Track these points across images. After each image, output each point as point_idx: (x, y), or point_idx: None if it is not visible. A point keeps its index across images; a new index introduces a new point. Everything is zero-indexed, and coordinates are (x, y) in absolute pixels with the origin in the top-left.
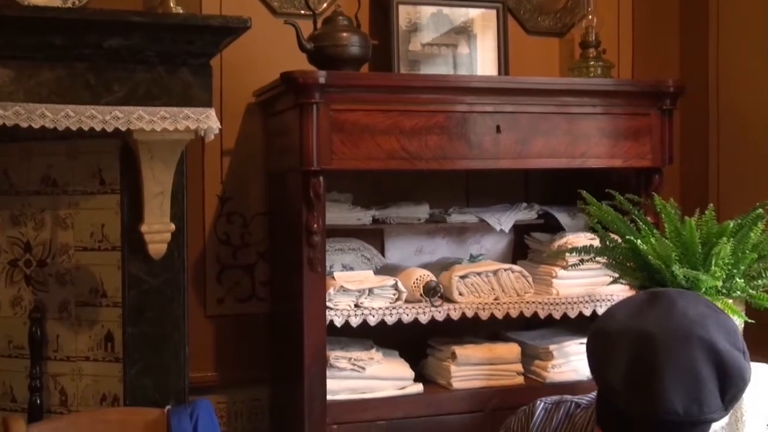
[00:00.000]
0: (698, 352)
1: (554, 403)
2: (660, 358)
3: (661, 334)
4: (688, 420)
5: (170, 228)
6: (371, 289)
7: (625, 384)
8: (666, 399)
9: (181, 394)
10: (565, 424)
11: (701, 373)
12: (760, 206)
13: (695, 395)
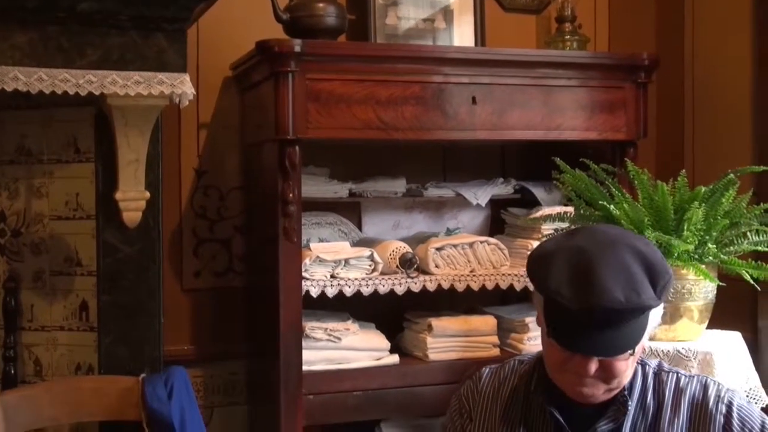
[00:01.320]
0: (626, 254)
1: (499, 365)
2: (595, 262)
3: (592, 246)
4: (630, 306)
5: (145, 196)
6: (347, 259)
7: (569, 287)
8: (608, 291)
9: (156, 364)
10: (510, 378)
11: (632, 269)
12: (732, 172)
13: (632, 286)
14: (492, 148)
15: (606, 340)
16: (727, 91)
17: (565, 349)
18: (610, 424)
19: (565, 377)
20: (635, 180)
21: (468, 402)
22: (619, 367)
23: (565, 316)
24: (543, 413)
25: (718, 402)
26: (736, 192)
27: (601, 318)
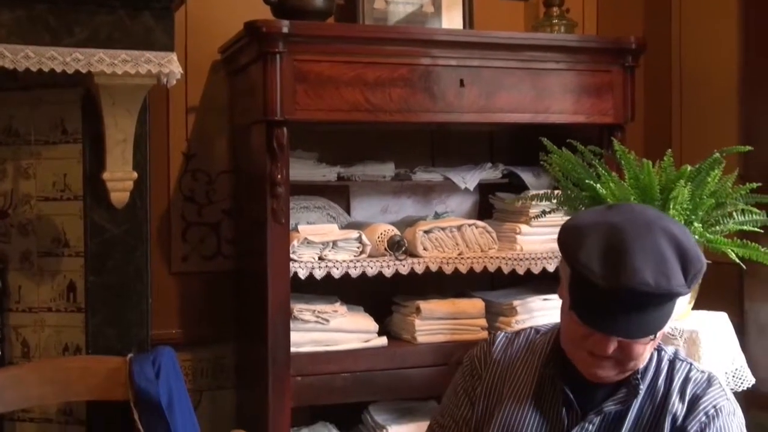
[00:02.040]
0: (661, 238)
1: (515, 332)
2: (629, 242)
3: (627, 225)
4: (659, 291)
5: (132, 176)
6: (335, 241)
7: (599, 263)
8: (638, 272)
9: (143, 344)
10: (524, 347)
11: (665, 254)
12: (718, 152)
13: (663, 270)
14: (480, 134)
15: (629, 322)
16: (714, 75)
17: (586, 325)
18: (618, 406)
19: (581, 354)
20: (622, 159)
21: (480, 363)
22: (638, 350)
23: (590, 293)
24: (553, 387)
25: (711, 404)
26: (721, 172)
27: (627, 299)
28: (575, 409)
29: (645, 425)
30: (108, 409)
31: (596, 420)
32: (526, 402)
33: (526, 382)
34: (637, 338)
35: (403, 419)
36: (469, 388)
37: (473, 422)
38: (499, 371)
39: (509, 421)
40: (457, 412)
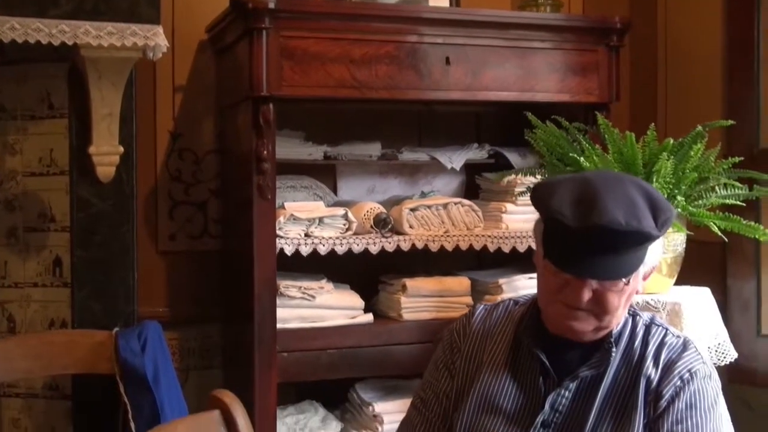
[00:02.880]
0: (630, 187)
1: (494, 304)
2: (599, 190)
3: (598, 178)
4: (629, 230)
5: (119, 150)
6: (321, 218)
7: (571, 207)
8: (609, 212)
9: (130, 319)
10: (503, 317)
11: (636, 200)
12: (701, 126)
13: (633, 213)
14: (467, 115)
15: (602, 264)
16: (699, 55)
17: (559, 269)
18: (592, 370)
19: (556, 309)
20: (605, 134)
21: (459, 337)
22: (612, 301)
23: (563, 237)
24: (530, 355)
25: (685, 368)
26: (704, 146)
27: (599, 240)
28: (551, 376)
29: (620, 389)
30: (94, 384)
31: (572, 386)
32: (504, 371)
33: (503, 350)
34: (610, 280)
35: (389, 396)
36: (449, 362)
37: (453, 394)
38: (478, 342)
39: (487, 390)
40: (438, 386)
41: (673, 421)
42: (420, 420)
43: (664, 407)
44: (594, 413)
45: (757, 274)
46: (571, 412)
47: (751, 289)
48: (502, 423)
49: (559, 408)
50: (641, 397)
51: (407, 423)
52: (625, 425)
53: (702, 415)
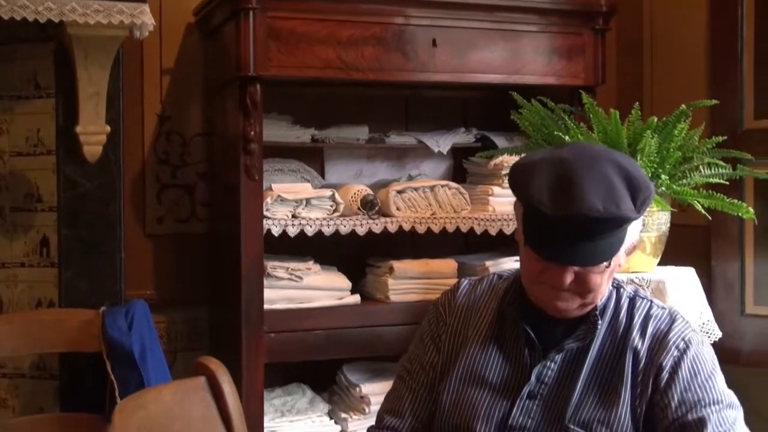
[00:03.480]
0: (608, 167)
1: (478, 278)
2: (577, 172)
3: (575, 158)
4: (608, 215)
5: (105, 130)
6: (308, 199)
7: (549, 194)
8: (587, 199)
9: (117, 298)
10: (487, 291)
11: (613, 181)
12: (684, 106)
13: (611, 197)
14: (454, 100)
15: (582, 250)
16: (685, 38)
17: (541, 258)
18: (578, 342)
19: (540, 289)
20: (590, 113)
21: (444, 310)
22: (595, 280)
23: (543, 224)
24: (515, 328)
25: (679, 337)
26: (688, 126)
27: (578, 226)
28: (537, 348)
29: (607, 361)
30: (80, 363)
31: (558, 358)
32: (489, 343)
33: (488, 323)
34: (591, 266)
35: (375, 378)
36: (434, 335)
37: (439, 366)
38: (463, 315)
39: (473, 363)
40: (424, 358)
41: (682, 390)
42: (406, 390)
43: (667, 379)
44: (580, 384)
45: (741, 256)
46: (557, 384)
47: (735, 270)
48: (488, 394)
49: (545, 380)
50: (628, 369)
51: (393, 393)
52: (611, 396)
53: (707, 378)
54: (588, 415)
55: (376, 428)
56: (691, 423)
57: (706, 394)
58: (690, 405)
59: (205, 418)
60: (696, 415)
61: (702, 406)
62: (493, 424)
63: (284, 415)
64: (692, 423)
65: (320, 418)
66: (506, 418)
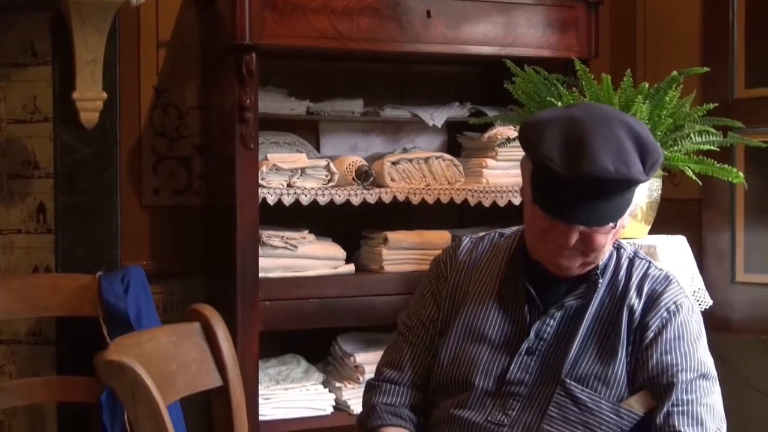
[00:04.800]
0: (619, 129)
1: (480, 236)
2: (588, 133)
3: (587, 118)
4: (618, 177)
5: (102, 96)
6: (303, 169)
7: (560, 153)
8: (598, 160)
9: (113, 264)
10: (488, 249)
11: (624, 143)
12: (676, 72)
13: (622, 158)
14: (448, 75)
15: (590, 209)
16: (678, 11)
17: (548, 216)
18: (578, 300)
19: (544, 247)
20: (582, 79)
21: (445, 267)
22: (599, 240)
23: (552, 182)
24: (516, 286)
25: (671, 301)
26: (680, 94)
27: (587, 186)
28: (537, 305)
29: (605, 319)
30: (77, 328)
31: (557, 315)
32: (490, 300)
33: (489, 281)
34: (598, 226)
35: (370, 348)
36: (435, 291)
37: (439, 323)
38: (464, 272)
39: (473, 319)
40: (424, 314)
41: (662, 352)
42: (406, 345)
43: (651, 338)
44: (578, 341)
45: (732, 225)
46: (556, 340)
47: (725, 240)
48: (487, 350)
49: (543, 336)
50: (624, 326)
51: (393, 347)
52: (608, 353)
53: (689, 345)
54: (585, 370)
55: (375, 380)
56: (664, 385)
57: (684, 361)
58: (666, 367)
59: (200, 361)
60: (670, 379)
61: (677, 371)
62: (492, 379)
63: (279, 383)
64: (665, 385)
65: (315, 387)
66: (504, 373)
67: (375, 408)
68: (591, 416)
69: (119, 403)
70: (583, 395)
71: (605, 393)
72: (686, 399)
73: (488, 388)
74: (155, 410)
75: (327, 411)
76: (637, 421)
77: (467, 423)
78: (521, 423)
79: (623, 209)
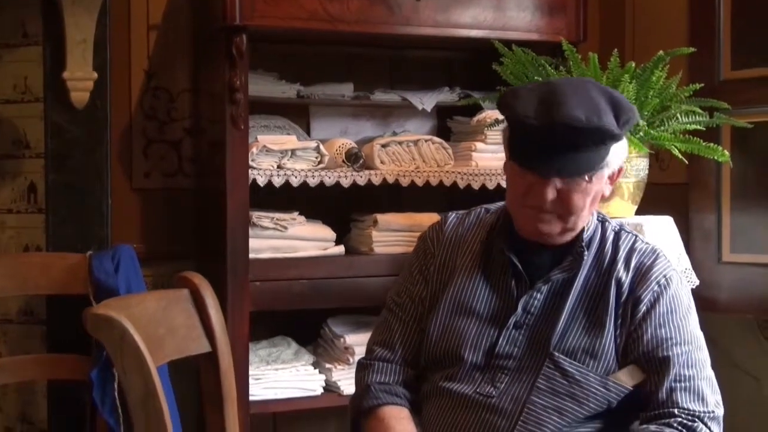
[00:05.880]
0: (593, 90)
1: (466, 212)
2: (563, 90)
3: (563, 82)
4: (590, 126)
5: (93, 76)
6: (294, 150)
7: (534, 109)
8: (571, 110)
9: (103, 244)
10: (475, 224)
11: (597, 100)
12: (662, 52)
13: (594, 111)
14: (438, 60)
15: (563, 160)
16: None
17: (523, 169)
18: (564, 274)
19: (524, 213)
20: (570, 59)
21: (432, 243)
22: (576, 201)
23: (526, 136)
24: (502, 259)
25: (661, 274)
26: (666, 74)
27: (560, 136)
28: (524, 279)
29: (592, 292)
30: (67, 308)
31: (544, 288)
32: (477, 274)
33: (476, 255)
34: (571, 177)
35: (359, 330)
36: (423, 267)
37: (428, 299)
38: (451, 247)
39: (460, 293)
40: (413, 290)
41: (656, 326)
42: (396, 322)
43: (644, 312)
44: (565, 314)
45: (718, 207)
46: (543, 314)
47: (712, 221)
48: (475, 324)
49: (531, 309)
50: (612, 299)
51: (383, 325)
52: (596, 326)
53: (682, 318)
54: (573, 343)
55: (366, 360)
56: (660, 359)
57: (679, 334)
58: (661, 341)
59: (188, 327)
60: (666, 352)
61: (673, 344)
62: (481, 352)
63: (269, 364)
64: (661, 359)
65: (305, 368)
66: (493, 347)
67: (369, 387)
68: (579, 389)
69: (109, 381)
70: (572, 368)
71: (593, 366)
72: (687, 374)
73: (477, 362)
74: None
75: (317, 392)
76: (624, 394)
77: (456, 395)
78: (510, 395)
79: (596, 163)
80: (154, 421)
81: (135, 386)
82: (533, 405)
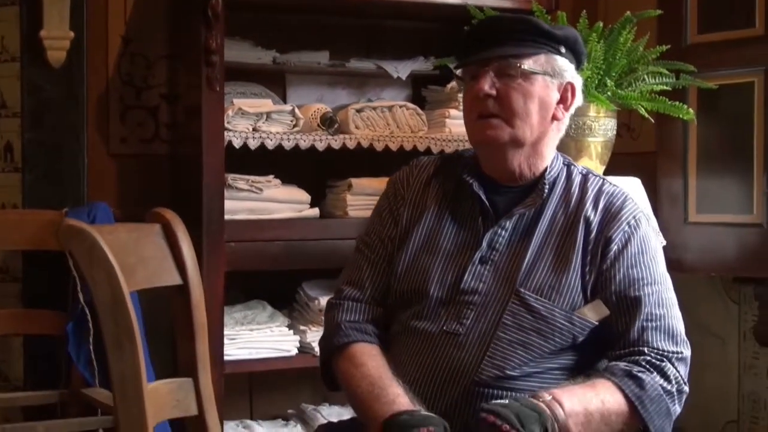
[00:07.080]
0: None
1: (437, 156)
2: None
3: None
4: (515, 16)
5: (69, 35)
6: (269, 113)
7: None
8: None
9: (79, 201)
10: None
11: None
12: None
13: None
14: (415, 30)
15: (494, 51)
16: None
17: (459, 64)
18: (527, 208)
19: (473, 126)
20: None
21: (402, 186)
22: (515, 99)
23: (464, 46)
24: (470, 197)
25: (631, 215)
26: (634, 36)
27: (491, 31)
28: (490, 215)
29: (559, 229)
30: (43, 265)
31: (508, 224)
32: (445, 212)
33: (445, 194)
34: (499, 60)
35: None
36: (393, 209)
37: (397, 239)
38: (420, 189)
39: (428, 232)
40: (383, 231)
41: (628, 266)
42: (365, 262)
43: (615, 252)
44: (531, 251)
45: (684, 171)
46: (509, 250)
47: (678, 185)
48: (441, 261)
49: (495, 246)
50: (581, 237)
51: (353, 265)
52: (562, 263)
53: (651, 259)
54: (539, 280)
55: (335, 299)
56: (632, 298)
57: (649, 273)
58: (633, 281)
59: (160, 259)
60: (637, 292)
61: (644, 284)
62: (446, 288)
63: (244, 325)
64: (633, 298)
65: (279, 329)
66: (458, 282)
67: (340, 326)
68: (544, 323)
69: (85, 334)
70: (537, 303)
71: (559, 301)
72: (658, 314)
73: (443, 297)
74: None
75: (291, 352)
76: (589, 328)
77: (423, 333)
78: (476, 331)
79: (527, 54)
80: (123, 328)
81: (103, 295)
82: (499, 340)
